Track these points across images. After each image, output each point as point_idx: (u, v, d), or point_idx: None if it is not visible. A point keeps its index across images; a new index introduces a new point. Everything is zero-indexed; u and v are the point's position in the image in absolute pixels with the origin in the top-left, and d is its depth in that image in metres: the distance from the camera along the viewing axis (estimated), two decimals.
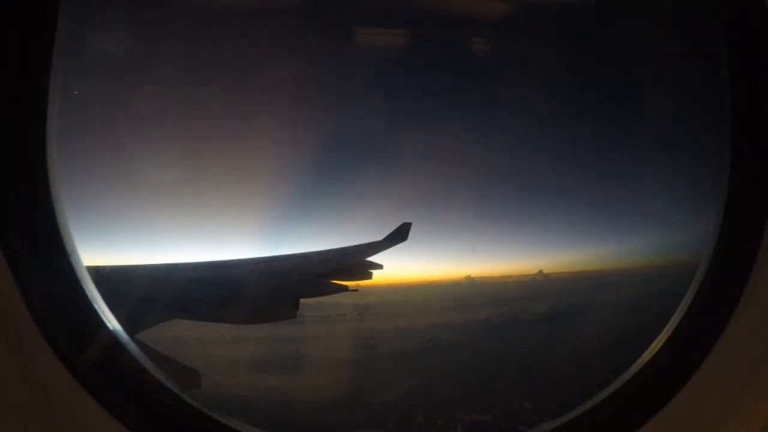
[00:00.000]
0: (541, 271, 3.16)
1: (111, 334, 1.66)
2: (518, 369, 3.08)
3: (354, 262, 2.93)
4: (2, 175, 1.51)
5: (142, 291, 2.31)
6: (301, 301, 2.83)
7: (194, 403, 1.71)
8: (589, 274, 2.97)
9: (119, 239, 2.48)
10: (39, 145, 1.55)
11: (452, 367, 3.27)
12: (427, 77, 2.87)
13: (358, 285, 2.93)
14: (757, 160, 1.70)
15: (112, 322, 1.69)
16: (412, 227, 3.07)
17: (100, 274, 1.77)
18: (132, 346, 1.71)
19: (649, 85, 2.33)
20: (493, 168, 3.09)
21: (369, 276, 2.89)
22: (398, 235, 3.06)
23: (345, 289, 2.85)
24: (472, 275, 3.21)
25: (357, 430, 2.33)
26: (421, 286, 3.34)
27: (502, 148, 3.02)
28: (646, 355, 1.81)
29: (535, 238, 3.20)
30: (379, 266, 2.92)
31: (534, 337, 3.17)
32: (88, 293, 1.63)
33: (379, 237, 3.07)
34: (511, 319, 3.38)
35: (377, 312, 3.36)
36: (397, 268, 3.11)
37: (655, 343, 1.81)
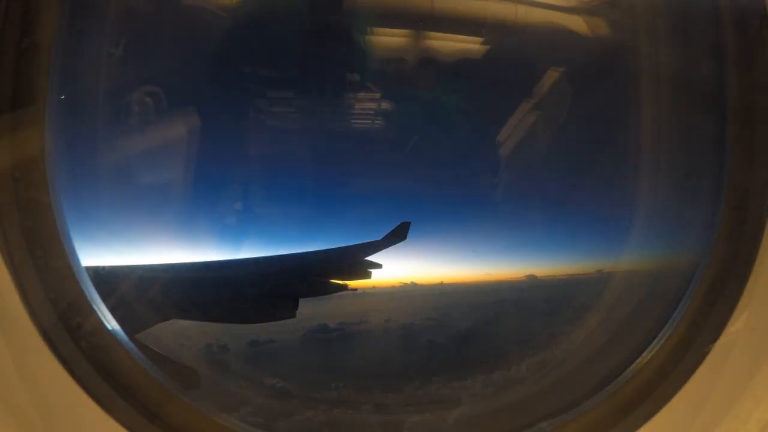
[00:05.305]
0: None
1: (110, 335, 1.66)
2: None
3: (353, 261, 2.94)
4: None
5: (140, 291, 2.31)
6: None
7: (192, 404, 1.71)
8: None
9: (118, 239, 2.47)
10: (37, 142, 1.55)
11: None
12: (433, 77, 2.85)
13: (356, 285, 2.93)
14: (756, 160, 1.71)
15: (111, 322, 1.69)
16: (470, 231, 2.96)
17: (99, 275, 1.77)
18: (131, 347, 1.71)
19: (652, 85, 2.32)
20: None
21: (368, 275, 2.89)
22: (397, 235, 3.06)
23: (344, 288, 2.86)
24: (536, 273, 3.02)
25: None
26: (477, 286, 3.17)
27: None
28: (646, 356, 1.82)
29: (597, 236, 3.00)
30: (378, 265, 2.92)
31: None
32: (87, 294, 1.63)
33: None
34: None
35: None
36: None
37: (654, 342, 1.82)
